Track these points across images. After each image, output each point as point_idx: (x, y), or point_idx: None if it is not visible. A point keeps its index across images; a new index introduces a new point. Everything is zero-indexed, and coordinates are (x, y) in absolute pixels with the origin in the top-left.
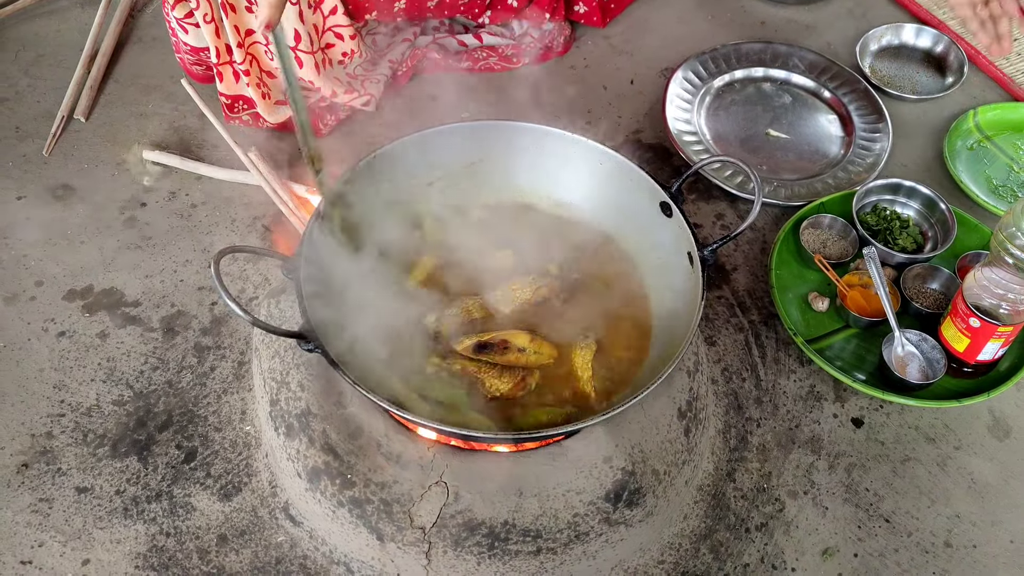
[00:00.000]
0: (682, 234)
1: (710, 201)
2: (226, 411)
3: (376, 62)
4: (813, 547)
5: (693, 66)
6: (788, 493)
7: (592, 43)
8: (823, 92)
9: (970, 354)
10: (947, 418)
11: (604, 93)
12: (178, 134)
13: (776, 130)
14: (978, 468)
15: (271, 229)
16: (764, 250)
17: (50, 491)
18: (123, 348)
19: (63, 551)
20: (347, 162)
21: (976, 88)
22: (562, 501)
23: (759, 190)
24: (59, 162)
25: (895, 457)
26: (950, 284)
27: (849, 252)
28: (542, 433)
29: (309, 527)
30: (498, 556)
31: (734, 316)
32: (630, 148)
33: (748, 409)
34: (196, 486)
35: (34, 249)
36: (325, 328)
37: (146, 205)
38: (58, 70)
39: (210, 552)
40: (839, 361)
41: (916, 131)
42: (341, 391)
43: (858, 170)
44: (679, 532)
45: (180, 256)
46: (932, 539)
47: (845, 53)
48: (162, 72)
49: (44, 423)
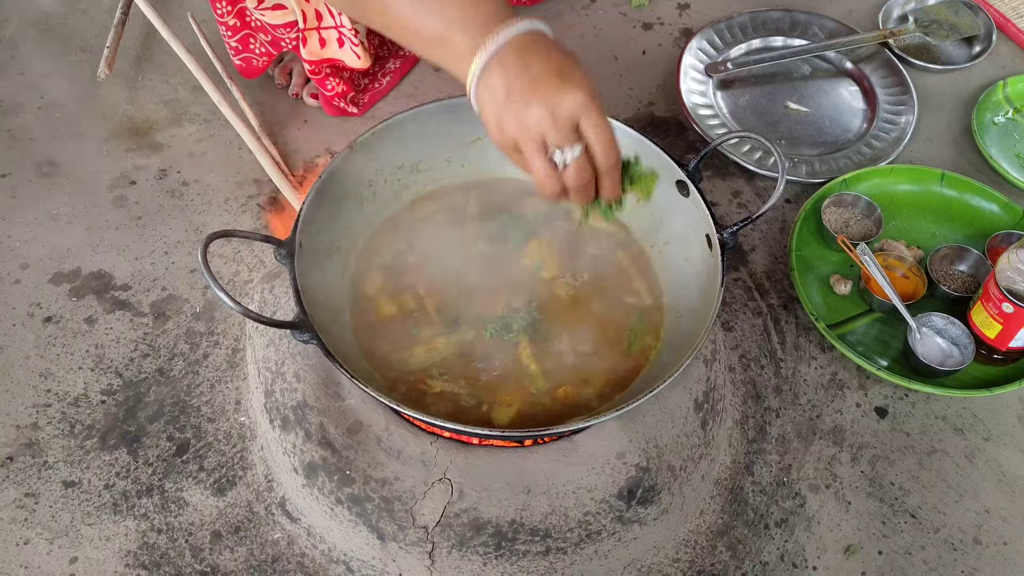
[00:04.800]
0: (700, 215)
1: (726, 178)
2: (220, 401)
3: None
4: (835, 544)
5: (708, 35)
6: (809, 487)
7: (603, 12)
8: (844, 63)
9: (1002, 341)
10: (976, 408)
11: (615, 64)
12: (169, 107)
13: (795, 103)
14: (1008, 461)
15: (266, 208)
16: (783, 230)
17: (36, 485)
18: (112, 334)
19: (50, 549)
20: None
21: (1005, 58)
22: (572, 499)
23: (783, 168)
24: (45, 138)
25: (921, 449)
26: (979, 266)
27: (873, 232)
28: (553, 430)
29: (306, 524)
30: (505, 556)
31: (752, 300)
32: (642, 122)
33: (767, 398)
34: (189, 480)
35: (18, 229)
36: (322, 316)
37: (136, 183)
38: (43, 40)
39: (203, 550)
40: (862, 347)
41: (942, 104)
42: (339, 382)
43: (882, 145)
44: (695, 529)
45: (171, 237)
46: (960, 535)
47: (867, 21)
48: (153, 44)
49: (29, 413)
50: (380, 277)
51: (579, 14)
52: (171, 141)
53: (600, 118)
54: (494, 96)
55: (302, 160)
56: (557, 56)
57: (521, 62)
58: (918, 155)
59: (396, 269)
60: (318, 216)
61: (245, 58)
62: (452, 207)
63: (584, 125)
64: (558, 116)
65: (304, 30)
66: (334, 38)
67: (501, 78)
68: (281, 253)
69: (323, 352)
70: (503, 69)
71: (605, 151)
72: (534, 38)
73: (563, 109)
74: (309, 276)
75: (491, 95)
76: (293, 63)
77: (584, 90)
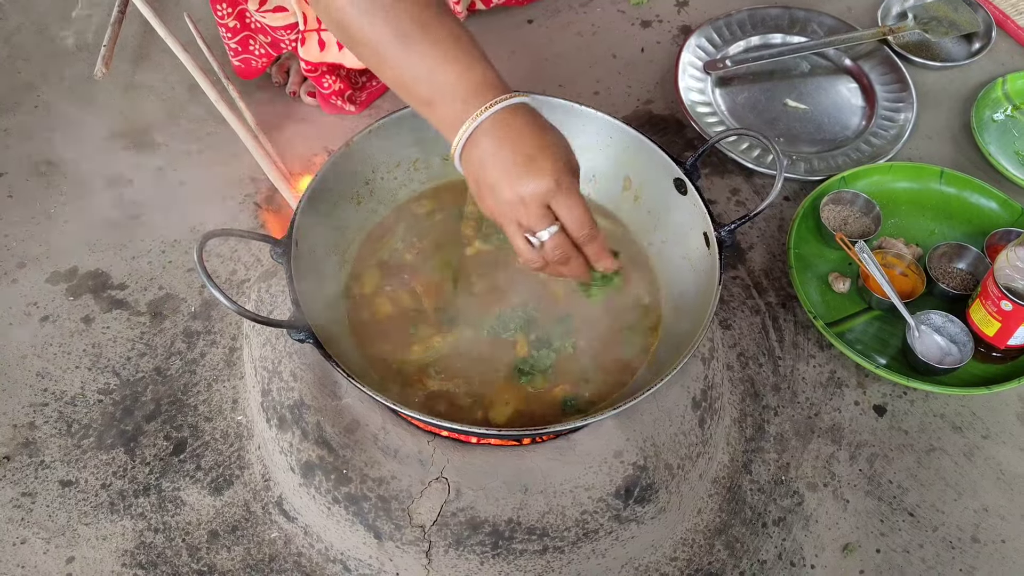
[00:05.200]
0: (697, 213)
1: (724, 176)
2: (217, 400)
3: None
4: (833, 542)
5: (707, 33)
6: (807, 485)
7: (601, 9)
8: (843, 60)
9: (1000, 338)
10: (974, 406)
11: (614, 61)
12: (166, 105)
13: (794, 100)
14: (1007, 459)
15: (263, 207)
16: (782, 227)
17: (33, 485)
18: (109, 333)
19: (47, 548)
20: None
21: (1004, 54)
22: (570, 498)
23: (781, 166)
24: (42, 137)
25: (920, 447)
26: (978, 264)
27: (872, 229)
28: (551, 428)
29: (304, 523)
30: (502, 556)
31: (750, 298)
32: (640, 120)
33: (765, 396)
34: (186, 479)
35: (15, 228)
36: (318, 315)
37: (132, 182)
38: (40, 39)
39: (200, 549)
40: (860, 345)
41: (941, 101)
42: (336, 381)
43: (881, 142)
44: (692, 528)
45: (168, 236)
46: (959, 534)
47: (867, 18)
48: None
49: (26, 413)
50: (377, 275)
51: (578, 12)
52: (168, 140)
53: (569, 199)
54: (473, 177)
55: (299, 158)
56: (531, 137)
57: (495, 145)
58: (917, 152)
59: (393, 267)
60: (315, 214)
61: (244, 59)
62: (449, 205)
63: (555, 206)
64: (527, 202)
65: (304, 31)
66: (335, 40)
67: (478, 160)
68: (277, 252)
69: (320, 351)
70: (479, 151)
71: (578, 228)
72: (511, 116)
73: (530, 196)
74: (306, 275)
75: (471, 175)
76: (290, 61)
77: (551, 175)
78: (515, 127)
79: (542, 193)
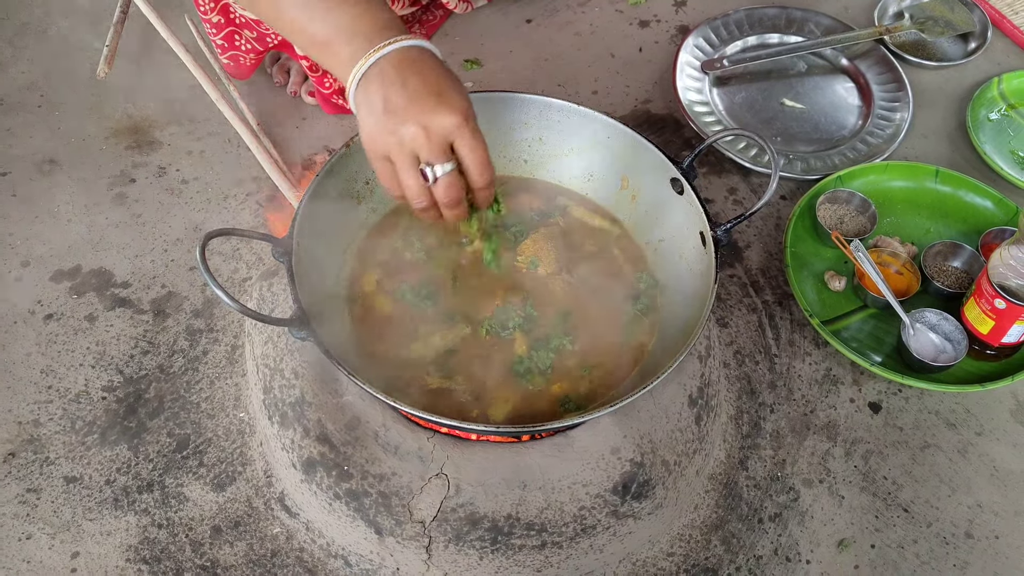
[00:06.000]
0: (694, 212)
1: (722, 175)
2: (219, 397)
3: None
4: (829, 538)
5: (704, 32)
6: (803, 482)
7: (599, 9)
8: (840, 59)
9: (994, 336)
10: (968, 403)
11: (612, 61)
12: (168, 105)
13: (791, 100)
14: (1001, 455)
15: (265, 206)
16: (779, 226)
17: (38, 481)
18: (112, 331)
19: (51, 544)
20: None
21: (1000, 54)
22: (568, 494)
23: (776, 166)
24: (45, 136)
25: (914, 444)
26: (973, 262)
27: (868, 228)
28: (549, 425)
29: (305, 519)
30: (501, 551)
31: (747, 296)
32: (638, 119)
33: (761, 394)
34: (189, 475)
35: (19, 227)
36: (320, 313)
37: (135, 181)
38: (43, 39)
39: (204, 544)
40: (856, 343)
41: (937, 100)
42: (337, 379)
43: (877, 142)
44: (689, 523)
45: (171, 234)
46: (953, 529)
47: (863, 18)
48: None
49: (31, 410)
50: (377, 274)
51: (576, 11)
52: (170, 139)
53: (474, 139)
54: (371, 107)
55: (300, 158)
56: (435, 75)
57: (400, 77)
58: (913, 151)
59: (393, 266)
60: (316, 214)
61: (232, 56)
62: None
63: (458, 145)
64: (432, 134)
65: None
66: None
67: (379, 90)
68: (279, 251)
69: (321, 349)
70: (381, 82)
71: (479, 171)
72: (416, 55)
73: (437, 128)
74: (307, 273)
75: (368, 106)
76: (291, 61)
77: (459, 112)
78: (423, 63)
79: (449, 128)
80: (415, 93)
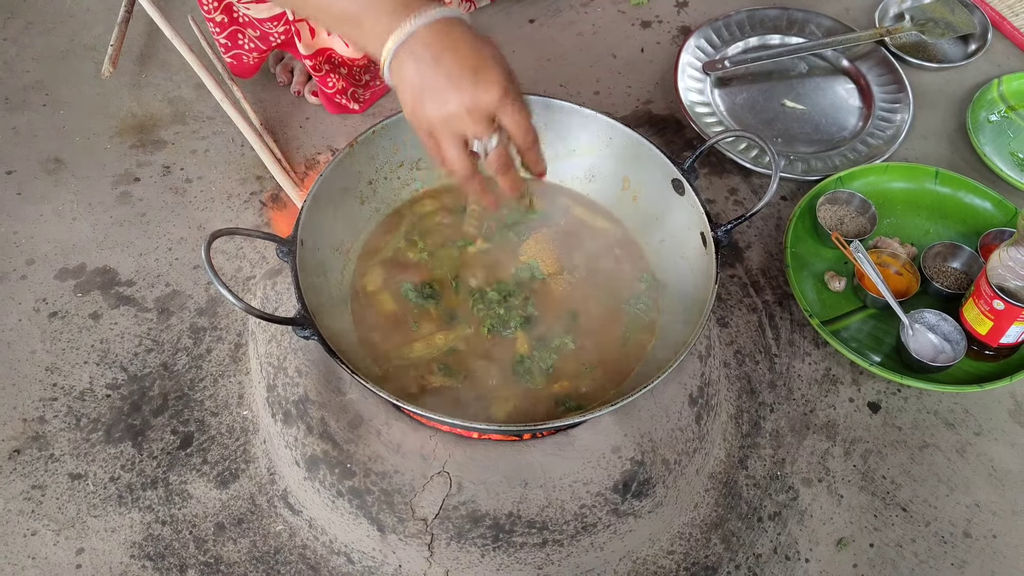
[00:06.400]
0: (695, 212)
1: (723, 175)
2: (223, 395)
3: None
4: (828, 537)
5: (706, 33)
6: (802, 481)
7: (602, 9)
8: (841, 61)
9: (993, 337)
10: (967, 403)
11: (613, 61)
12: (172, 105)
13: (792, 101)
14: (999, 455)
15: (269, 206)
16: (779, 227)
17: (43, 478)
18: (117, 329)
19: (56, 540)
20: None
21: (1000, 56)
22: (569, 492)
23: (776, 167)
24: (50, 135)
25: (913, 443)
26: (972, 263)
27: (868, 229)
28: (550, 424)
29: (308, 516)
30: (502, 548)
31: (747, 296)
32: (640, 119)
33: (761, 393)
34: (192, 473)
35: (24, 225)
36: (323, 312)
37: (139, 180)
38: (48, 38)
39: (207, 541)
40: (855, 343)
41: (938, 101)
42: (340, 377)
43: (878, 143)
44: (689, 522)
45: (175, 233)
46: (951, 529)
47: (864, 19)
48: (156, 42)
49: (36, 407)
50: (381, 273)
51: (578, 11)
52: (175, 138)
53: (515, 110)
54: (410, 85)
55: (304, 157)
56: (470, 49)
57: (432, 56)
58: (913, 152)
59: (396, 266)
60: (319, 213)
61: (235, 55)
62: (451, 204)
63: (502, 115)
64: (474, 113)
65: (295, 22)
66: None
67: (415, 68)
68: (283, 250)
69: (324, 348)
70: (415, 59)
71: (523, 136)
72: (449, 26)
73: (479, 105)
74: (310, 273)
75: (406, 83)
76: (294, 61)
77: (497, 87)
78: (455, 37)
79: (490, 104)
80: (451, 72)
